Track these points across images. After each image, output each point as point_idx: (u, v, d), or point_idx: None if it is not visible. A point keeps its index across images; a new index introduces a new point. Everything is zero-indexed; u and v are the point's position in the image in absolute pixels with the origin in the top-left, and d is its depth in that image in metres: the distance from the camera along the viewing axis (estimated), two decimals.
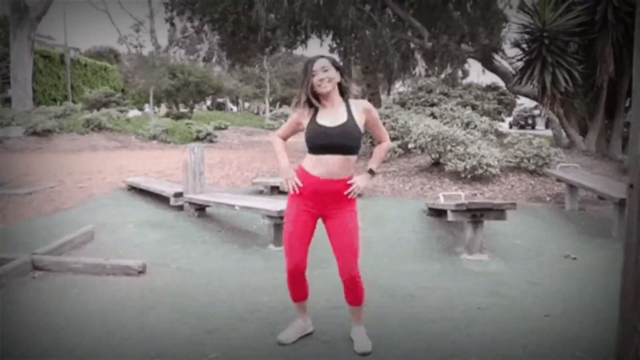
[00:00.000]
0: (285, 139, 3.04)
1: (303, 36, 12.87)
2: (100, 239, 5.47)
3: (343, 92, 2.86)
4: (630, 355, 2.06)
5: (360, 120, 2.82)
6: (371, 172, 2.96)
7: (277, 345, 2.95)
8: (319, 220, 2.92)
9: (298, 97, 2.82)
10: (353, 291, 2.88)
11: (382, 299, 3.76)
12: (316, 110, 2.81)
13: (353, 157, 2.82)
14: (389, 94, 26.32)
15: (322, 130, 2.75)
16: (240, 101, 45.50)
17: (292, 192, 2.84)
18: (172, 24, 16.56)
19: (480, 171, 8.00)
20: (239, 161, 11.63)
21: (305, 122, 2.83)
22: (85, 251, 5.02)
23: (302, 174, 2.83)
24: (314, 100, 2.78)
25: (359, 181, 2.84)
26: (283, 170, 2.91)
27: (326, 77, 2.74)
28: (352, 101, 2.87)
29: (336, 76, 2.78)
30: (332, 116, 2.78)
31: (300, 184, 2.81)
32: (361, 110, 2.84)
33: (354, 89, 3.04)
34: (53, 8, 21.89)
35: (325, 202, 2.82)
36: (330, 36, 13.03)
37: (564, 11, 9.58)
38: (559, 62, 9.53)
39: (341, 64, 2.82)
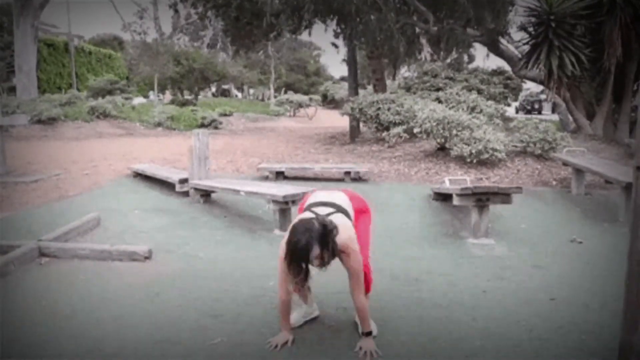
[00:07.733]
0: (290, 298, 2.91)
1: (307, 21, 12.73)
2: (106, 225, 5.49)
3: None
4: (635, 339, 2.06)
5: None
6: (367, 334, 2.80)
7: None
8: None
9: (290, 278, 2.72)
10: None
11: (388, 283, 3.77)
12: None
13: None
14: (394, 79, 26.19)
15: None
16: (245, 87, 45.35)
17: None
18: (176, 11, 16.47)
19: (486, 155, 7.96)
20: (244, 147, 11.63)
21: None
22: (92, 237, 5.04)
23: None
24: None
25: (365, 346, 2.73)
26: (282, 334, 2.88)
27: (324, 265, 2.63)
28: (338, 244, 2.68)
29: (330, 255, 2.62)
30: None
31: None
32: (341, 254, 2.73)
33: None
34: None
35: None
36: (335, 21, 12.89)
37: None
38: (565, 45, 9.43)
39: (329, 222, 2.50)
